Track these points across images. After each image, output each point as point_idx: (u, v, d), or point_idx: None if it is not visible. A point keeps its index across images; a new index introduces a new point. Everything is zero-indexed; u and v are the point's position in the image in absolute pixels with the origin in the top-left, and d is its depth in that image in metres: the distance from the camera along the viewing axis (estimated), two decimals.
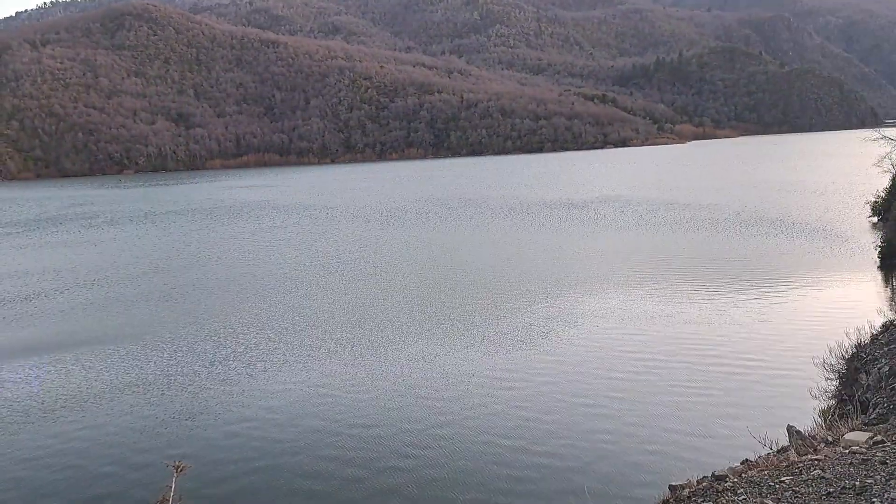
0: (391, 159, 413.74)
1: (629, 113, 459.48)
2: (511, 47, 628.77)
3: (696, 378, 31.04)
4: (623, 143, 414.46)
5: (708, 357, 33.91)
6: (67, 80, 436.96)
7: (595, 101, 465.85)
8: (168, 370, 36.19)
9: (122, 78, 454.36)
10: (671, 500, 14.89)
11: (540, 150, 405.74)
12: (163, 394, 32.55)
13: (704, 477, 15.66)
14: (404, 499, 21.77)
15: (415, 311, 46.94)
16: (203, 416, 29.65)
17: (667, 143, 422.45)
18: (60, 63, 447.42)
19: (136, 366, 37.21)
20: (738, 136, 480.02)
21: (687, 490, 14.92)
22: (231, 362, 37.11)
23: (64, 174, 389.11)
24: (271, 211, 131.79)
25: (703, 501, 13.55)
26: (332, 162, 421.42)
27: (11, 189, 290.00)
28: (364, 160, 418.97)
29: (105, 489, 23.47)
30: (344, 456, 25.01)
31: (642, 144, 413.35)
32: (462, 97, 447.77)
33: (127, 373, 36.01)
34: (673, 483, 15.81)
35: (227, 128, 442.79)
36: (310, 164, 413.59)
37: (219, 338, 42.21)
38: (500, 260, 66.30)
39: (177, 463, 12.14)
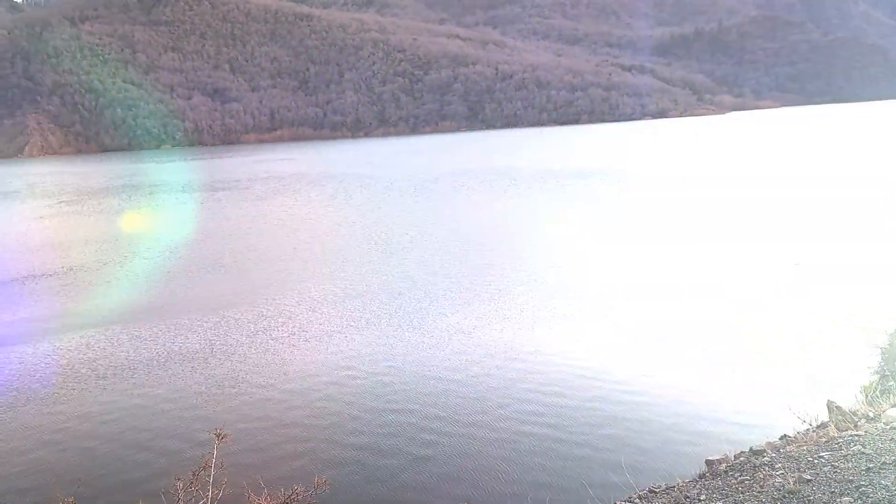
0: (425, 132, 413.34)
1: (667, 84, 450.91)
2: (546, 17, 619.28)
3: (734, 352, 30.73)
4: (661, 114, 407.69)
5: (746, 331, 33.50)
6: (106, 56, 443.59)
7: (632, 71, 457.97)
8: (211, 340, 37.08)
9: (160, 53, 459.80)
10: (707, 474, 14.90)
11: (576, 121, 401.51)
12: (206, 363, 33.40)
13: (742, 452, 15.62)
14: (440, 472, 22.07)
15: (452, 282, 47.08)
16: (244, 385, 30.38)
17: (706, 115, 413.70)
18: (99, 39, 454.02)
19: (181, 336, 38.19)
20: (779, 107, 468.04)
21: (724, 464, 14.91)
22: (272, 332, 37.85)
23: (103, 149, 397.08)
24: (306, 184, 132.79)
25: (739, 475, 13.54)
26: (366, 136, 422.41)
27: (54, 164, 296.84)
28: (397, 134, 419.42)
29: (149, 454, 24.29)
30: (382, 428, 25.44)
31: (680, 115, 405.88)
32: (497, 69, 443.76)
33: (171, 342, 36.99)
34: (710, 458, 15.80)
35: (261, 102, 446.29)
36: (343, 138, 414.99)
37: (260, 309, 43.00)
38: (538, 231, 66.03)
39: (218, 431, 12.43)
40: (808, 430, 16.01)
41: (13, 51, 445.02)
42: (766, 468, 13.16)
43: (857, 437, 13.08)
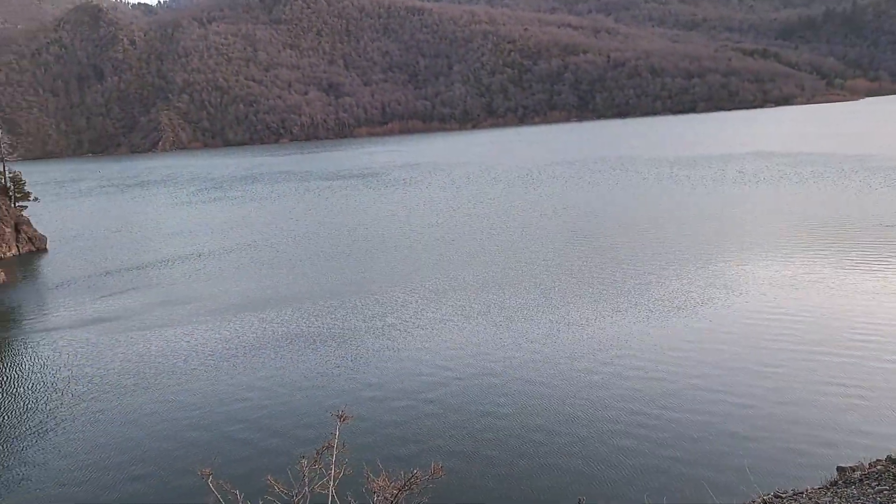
0: (533, 123, 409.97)
1: (793, 68, 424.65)
2: (663, 3, 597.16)
3: (867, 354, 28.84)
4: (785, 100, 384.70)
5: (879, 331, 31.34)
6: (230, 55, 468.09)
7: (755, 56, 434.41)
8: (331, 325, 38.75)
9: (279, 51, 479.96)
10: (839, 482, 14.20)
11: (692, 109, 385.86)
12: (326, 346, 34.98)
13: (878, 460, 14.76)
14: (553, 467, 22.03)
15: (563, 273, 46.75)
16: (361, 369, 31.60)
17: (836, 101, 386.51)
18: (224, 39, 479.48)
19: (304, 320, 40.17)
20: None
21: (858, 472, 14.16)
22: (388, 318, 39.08)
23: (227, 143, 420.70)
24: (417, 174, 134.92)
25: (877, 485, 12.84)
26: (474, 127, 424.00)
27: (184, 157, 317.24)
28: (505, 125, 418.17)
29: (275, 432, 25.76)
30: (494, 418, 25.74)
31: (807, 102, 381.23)
32: (609, 57, 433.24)
33: (295, 326, 38.98)
34: (841, 465, 15.03)
35: (373, 96, 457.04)
36: (451, 130, 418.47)
37: (376, 296, 44.46)
38: (650, 221, 64.23)
39: (340, 412, 12.99)
40: None
41: (149, 52, 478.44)
42: None
43: None
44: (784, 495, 14.80)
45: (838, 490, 13.59)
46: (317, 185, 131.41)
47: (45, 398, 30.77)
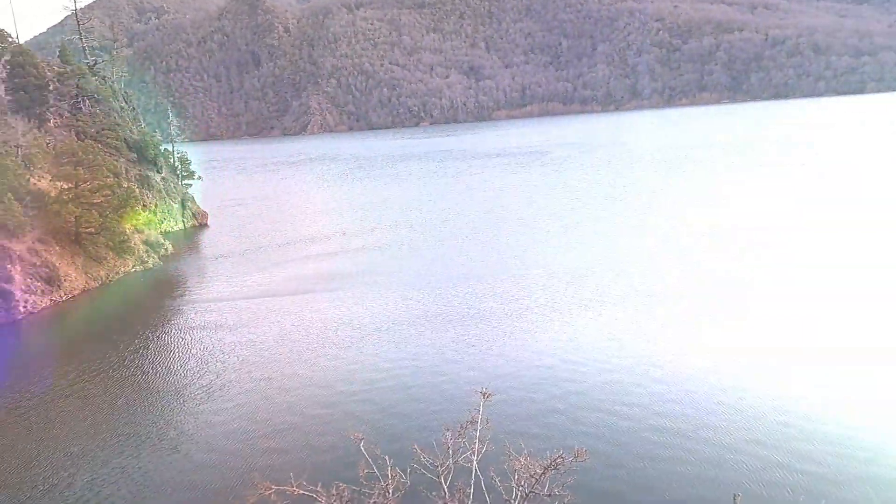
0: (680, 105, 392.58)
1: None
2: None
3: None
4: None
5: None
6: (376, 40, 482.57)
7: None
8: (471, 305, 39.27)
9: (422, 35, 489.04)
10: None
11: (860, 91, 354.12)
12: (466, 326, 35.51)
13: None
14: (705, 459, 21.15)
15: (709, 263, 44.56)
16: (501, 349, 31.83)
17: None
18: (371, 24, 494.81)
19: (443, 299, 41.01)
20: None
21: None
22: (525, 301, 39.03)
23: (371, 126, 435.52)
24: (558, 156, 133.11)
25: None
26: (616, 109, 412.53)
27: (332, 139, 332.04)
28: (650, 106, 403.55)
29: (420, 405, 26.52)
30: (633, 397, 25.21)
31: None
32: (766, 34, 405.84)
33: (435, 304, 39.92)
34: None
35: (513, 78, 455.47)
36: (593, 112, 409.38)
37: (515, 278, 44.56)
38: (808, 211, 59.71)
39: (483, 390, 13.27)
40: None
41: (301, 38, 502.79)
42: None
43: None
44: None
45: None
46: (456, 167, 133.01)
47: (213, 361, 33.39)
